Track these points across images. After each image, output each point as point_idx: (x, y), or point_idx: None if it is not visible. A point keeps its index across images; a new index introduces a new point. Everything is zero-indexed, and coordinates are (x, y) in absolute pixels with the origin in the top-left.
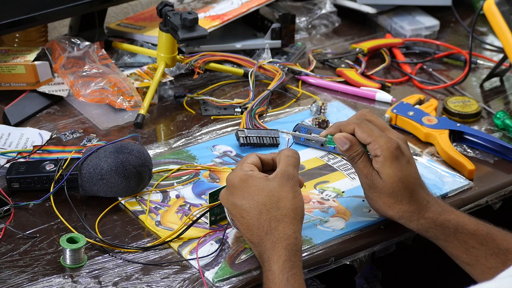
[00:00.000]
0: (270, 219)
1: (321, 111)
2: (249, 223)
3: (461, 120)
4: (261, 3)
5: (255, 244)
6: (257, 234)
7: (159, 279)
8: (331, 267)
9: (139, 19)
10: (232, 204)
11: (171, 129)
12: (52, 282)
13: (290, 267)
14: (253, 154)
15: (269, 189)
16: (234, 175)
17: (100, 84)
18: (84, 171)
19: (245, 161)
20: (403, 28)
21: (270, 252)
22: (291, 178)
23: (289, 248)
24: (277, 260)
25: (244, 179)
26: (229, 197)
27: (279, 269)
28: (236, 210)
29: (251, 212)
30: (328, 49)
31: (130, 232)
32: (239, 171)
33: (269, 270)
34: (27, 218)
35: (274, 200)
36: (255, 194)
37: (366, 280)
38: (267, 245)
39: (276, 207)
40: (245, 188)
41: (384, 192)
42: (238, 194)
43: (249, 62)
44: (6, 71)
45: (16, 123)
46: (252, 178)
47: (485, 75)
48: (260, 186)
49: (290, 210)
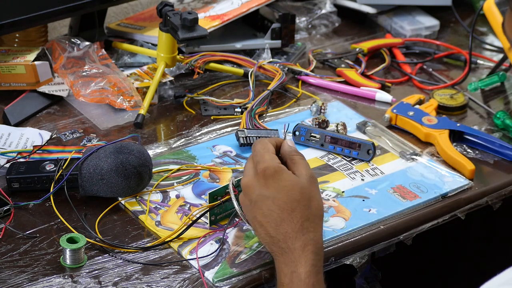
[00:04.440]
0: (303, 217)
1: (321, 111)
2: (279, 217)
3: (447, 112)
4: (261, 3)
5: (277, 240)
6: (284, 230)
7: (159, 279)
8: (331, 267)
9: (139, 19)
10: (262, 196)
11: (171, 129)
12: (52, 282)
13: (316, 272)
14: (268, 143)
15: (301, 186)
16: (267, 165)
17: (100, 84)
18: (84, 171)
19: (269, 150)
20: (403, 28)
21: (299, 253)
22: (316, 180)
23: (317, 252)
24: (305, 263)
25: (279, 171)
26: (260, 188)
27: (307, 273)
28: (267, 202)
29: (284, 207)
30: (328, 49)
31: (130, 232)
32: (271, 161)
33: (294, 272)
34: (27, 218)
35: (306, 198)
36: (290, 189)
37: (366, 280)
38: (295, 245)
39: (308, 206)
40: (279, 181)
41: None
42: (272, 186)
43: (249, 62)
44: (6, 71)
45: (16, 123)
46: (286, 172)
47: (485, 75)
48: (295, 182)
49: (319, 211)
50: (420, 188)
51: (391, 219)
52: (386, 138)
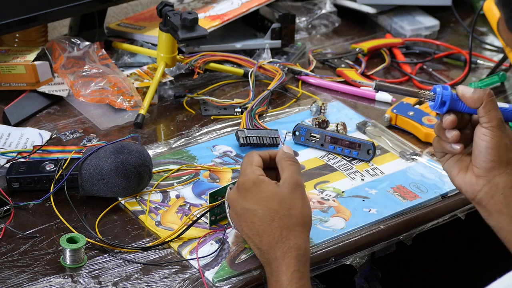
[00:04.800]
0: (281, 227)
1: (321, 111)
2: (260, 229)
3: None
4: (261, 3)
5: (263, 251)
6: (266, 241)
7: (159, 279)
8: (331, 267)
9: (139, 19)
10: (244, 208)
11: (171, 129)
12: (52, 282)
13: (299, 277)
14: (255, 154)
15: (280, 195)
16: (246, 179)
17: (100, 84)
18: (84, 171)
19: (252, 163)
20: (403, 28)
21: (280, 261)
22: (300, 186)
23: (299, 258)
24: (286, 270)
25: (257, 183)
26: (241, 201)
27: (288, 279)
28: (248, 214)
29: (263, 218)
30: (328, 49)
31: (130, 232)
32: (251, 174)
33: (277, 281)
34: (27, 218)
35: (286, 208)
36: (268, 200)
37: (366, 280)
38: (276, 254)
39: (288, 214)
40: (258, 193)
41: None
42: (251, 198)
43: (249, 62)
44: (6, 71)
45: (16, 123)
46: (265, 183)
47: (485, 75)
48: (273, 192)
49: (301, 218)
50: (420, 188)
51: (391, 219)
52: (386, 138)
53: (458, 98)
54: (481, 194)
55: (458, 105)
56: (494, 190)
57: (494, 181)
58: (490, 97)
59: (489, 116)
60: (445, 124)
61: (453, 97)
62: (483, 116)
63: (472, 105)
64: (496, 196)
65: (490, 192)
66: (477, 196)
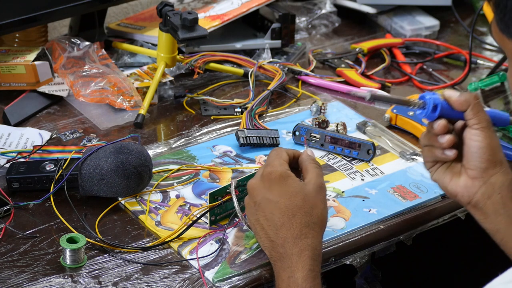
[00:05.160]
0: (302, 224)
1: (321, 111)
2: (279, 222)
3: None
4: (261, 3)
5: (277, 245)
6: (283, 235)
7: (159, 279)
8: (331, 267)
9: (139, 19)
10: (266, 199)
11: (171, 129)
12: (52, 282)
13: (313, 277)
14: (284, 150)
15: (305, 193)
16: (274, 170)
17: (100, 84)
18: (84, 171)
19: (281, 157)
20: (403, 28)
21: (296, 258)
22: (324, 189)
23: (315, 258)
24: (302, 268)
25: (285, 177)
26: (264, 191)
27: (303, 278)
28: (269, 205)
29: (285, 212)
30: (328, 49)
31: (130, 232)
32: (279, 167)
33: (291, 277)
34: (27, 218)
35: (309, 206)
36: (292, 195)
37: (366, 280)
38: (293, 250)
39: (310, 213)
40: (283, 186)
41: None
42: (276, 190)
43: (249, 62)
44: (6, 71)
45: (16, 123)
46: (291, 178)
47: (485, 75)
48: (299, 188)
49: (320, 219)
50: (420, 188)
51: (391, 219)
52: (386, 138)
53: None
54: (477, 196)
55: (447, 110)
56: (491, 190)
57: (491, 181)
58: (477, 100)
59: (478, 117)
60: (437, 129)
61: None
62: (472, 118)
63: (459, 108)
64: (493, 196)
65: (487, 192)
66: (474, 199)
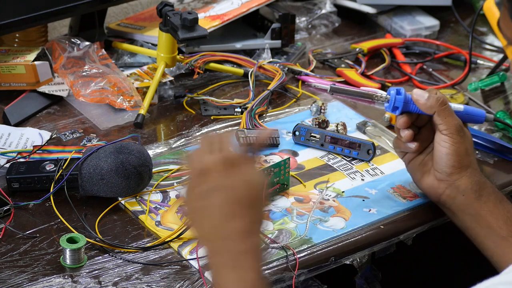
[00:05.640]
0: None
1: (321, 111)
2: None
3: None
4: (261, 3)
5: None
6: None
7: (159, 279)
8: (331, 267)
9: (139, 19)
10: (223, 185)
11: (171, 129)
12: (52, 282)
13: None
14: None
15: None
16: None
17: (100, 84)
18: (84, 171)
19: (227, 142)
20: (403, 28)
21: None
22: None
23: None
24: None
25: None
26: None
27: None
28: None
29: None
30: (328, 49)
31: (130, 232)
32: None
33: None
34: (27, 218)
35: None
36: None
37: (366, 280)
38: (241, 247)
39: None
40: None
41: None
42: (236, 177)
43: (249, 62)
44: (6, 71)
45: (16, 123)
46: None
47: (485, 75)
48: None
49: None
50: None
51: (391, 219)
52: (386, 138)
53: (412, 101)
54: (443, 196)
55: (412, 107)
56: (456, 193)
57: (455, 184)
58: (443, 106)
59: (446, 123)
60: (398, 124)
61: (407, 100)
62: (441, 123)
63: (427, 112)
64: (458, 198)
65: (452, 194)
66: (441, 199)
